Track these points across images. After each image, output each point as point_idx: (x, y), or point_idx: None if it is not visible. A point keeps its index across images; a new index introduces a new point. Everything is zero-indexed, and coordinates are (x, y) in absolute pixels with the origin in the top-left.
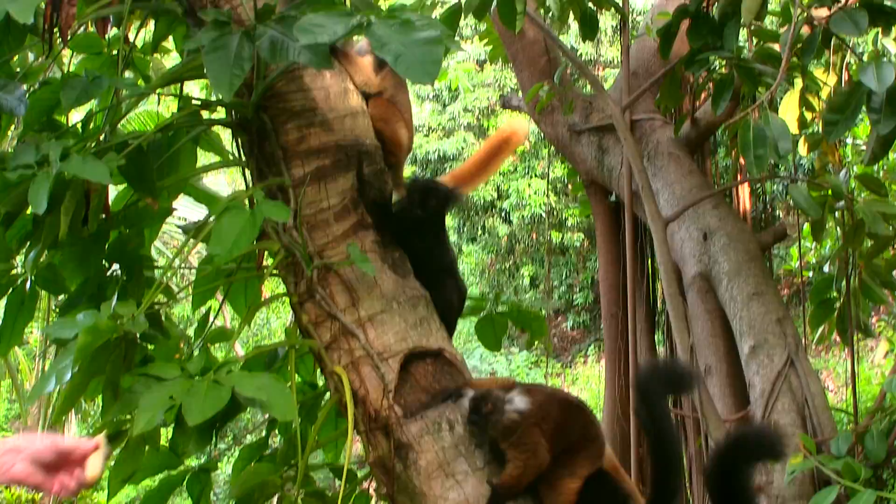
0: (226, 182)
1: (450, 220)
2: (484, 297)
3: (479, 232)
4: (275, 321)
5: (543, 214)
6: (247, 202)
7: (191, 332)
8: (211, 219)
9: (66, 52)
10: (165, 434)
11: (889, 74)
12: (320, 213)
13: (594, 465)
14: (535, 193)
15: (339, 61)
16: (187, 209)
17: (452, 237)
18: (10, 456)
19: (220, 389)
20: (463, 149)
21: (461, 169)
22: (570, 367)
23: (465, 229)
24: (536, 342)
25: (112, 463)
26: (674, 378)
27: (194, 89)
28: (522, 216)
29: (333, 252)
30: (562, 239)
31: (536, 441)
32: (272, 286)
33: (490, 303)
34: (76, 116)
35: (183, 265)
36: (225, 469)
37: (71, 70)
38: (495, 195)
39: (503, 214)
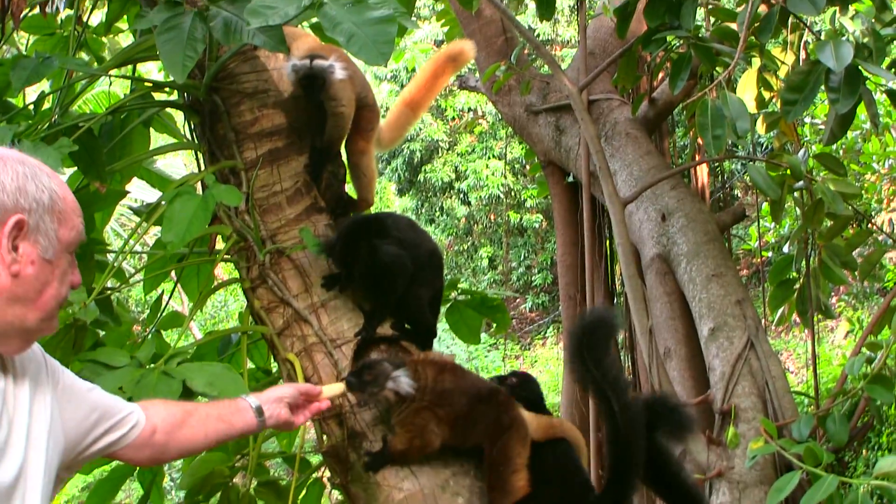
0: (182, 163)
1: (409, 202)
2: (448, 283)
3: (438, 213)
4: (233, 303)
5: (501, 195)
6: (199, 185)
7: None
8: (162, 203)
9: (25, 35)
10: None
11: (847, 53)
12: (273, 197)
13: (525, 446)
14: (493, 174)
15: None
16: (144, 191)
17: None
18: (275, 405)
19: (170, 381)
20: (420, 129)
21: (410, 92)
22: (529, 348)
23: (423, 210)
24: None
25: None
26: (603, 328)
27: (153, 70)
28: (480, 197)
29: (286, 236)
30: (520, 220)
31: (424, 424)
32: (229, 269)
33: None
34: (31, 97)
35: (138, 248)
36: None
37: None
38: (453, 176)
39: (461, 195)
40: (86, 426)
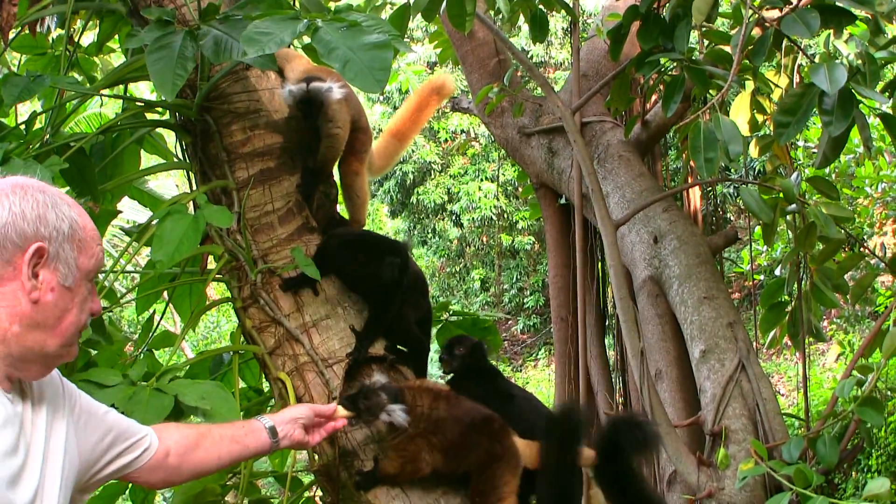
0: (175, 184)
1: (401, 224)
2: (439, 305)
3: (430, 235)
4: (225, 324)
5: (494, 217)
6: (191, 205)
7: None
8: (153, 222)
9: (15, 54)
10: None
11: (841, 76)
12: (265, 217)
13: (515, 475)
14: (486, 196)
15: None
16: (135, 211)
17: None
18: (290, 425)
19: (162, 397)
20: (413, 151)
21: (396, 123)
22: (521, 370)
23: (416, 232)
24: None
25: None
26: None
27: (145, 91)
28: (473, 219)
29: (278, 256)
30: (512, 242)
31: (417, 451)
32: (221, 289)
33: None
34: (23, 117)
35: (130, 268)
36: None
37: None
38: (446, 198)
39: (454, 217)
40: (101, 448)
